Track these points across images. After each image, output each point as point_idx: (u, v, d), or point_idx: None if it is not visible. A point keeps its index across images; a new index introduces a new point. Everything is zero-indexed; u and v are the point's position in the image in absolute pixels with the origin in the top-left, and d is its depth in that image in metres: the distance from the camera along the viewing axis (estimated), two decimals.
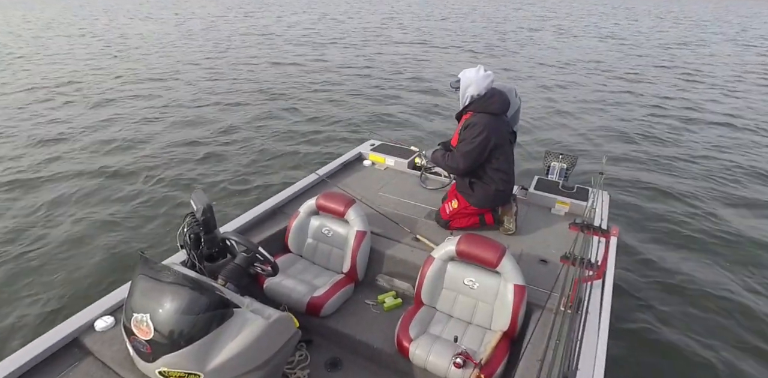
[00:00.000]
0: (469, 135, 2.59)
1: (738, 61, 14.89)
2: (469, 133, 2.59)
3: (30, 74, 11.20)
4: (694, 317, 3.44)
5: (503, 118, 2.70)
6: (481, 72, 2.60)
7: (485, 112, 2.60)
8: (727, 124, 8.29)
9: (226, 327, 1.56)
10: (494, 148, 2.63)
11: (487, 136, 2.56)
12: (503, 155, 2.70)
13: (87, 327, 1.92)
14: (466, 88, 2.62)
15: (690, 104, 9.52)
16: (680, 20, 30.99)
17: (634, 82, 11.46)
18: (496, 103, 2.60)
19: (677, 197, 5.34)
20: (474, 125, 2.58)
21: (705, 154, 6.75)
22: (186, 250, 2.00)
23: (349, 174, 3.65)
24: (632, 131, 7.66)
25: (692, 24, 28.62)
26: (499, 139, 2.64)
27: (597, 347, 1.87)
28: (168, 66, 12.29)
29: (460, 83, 2.63)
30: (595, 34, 21.34)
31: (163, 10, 30.59)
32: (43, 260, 3.89)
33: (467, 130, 2.61)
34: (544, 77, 11.62)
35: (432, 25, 23.74)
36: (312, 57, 13.83)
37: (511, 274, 2.11)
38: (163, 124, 7.53)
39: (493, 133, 2.58)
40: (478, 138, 2.56)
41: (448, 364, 1.93)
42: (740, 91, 10.85)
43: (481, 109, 2.61)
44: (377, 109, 8.66)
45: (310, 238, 2.72)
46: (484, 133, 2.55)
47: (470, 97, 2.63)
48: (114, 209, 4.74)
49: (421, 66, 12.86)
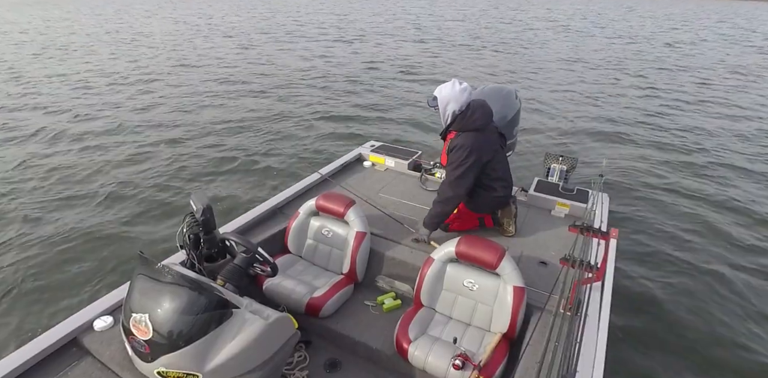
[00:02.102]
0: (457, 158, 2.49)
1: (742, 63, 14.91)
2: (457, 157, 2.49)
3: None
4: (694, 319, 3.43)
5: (489, 130, 2.60)
6: (456, 86, 2.47)
7: (469, 130, 2.50)
8: (728, 123, 8.30)
9: (224, 327, 1.56)
10: (486, 163, 2.57)
11: (477, 158, 2.48)
12: (498, 164, 2.66)
13: (86, 327, 1.91)
14: (445, 106, 2.50)
15: (691, 106, 9.53)
16: (682, 21, 31.05)
17: (638, 83, 11.47)
18: (479, 119, 2.49)
19: (677, 199, 5.34)
20: (460, 147, 2.48)
21: (706, 155, 6.76)
22: (185, 251, 2.00)
23: (350, 175, 3.65)
24: (633, 133, 7.66)
25: (691, 25, 28.67)
26: (489, 154, 2.57)
27: (596, 349, 1.87)
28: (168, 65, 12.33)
29: (438, 101, 2.50)
30: (605, 35, 21.35)
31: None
32: (42, 260, 3.90)
33: (454, 152, 2.51)
34: (545, 77, 11.65)
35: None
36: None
37: (511, 275, 2.11)
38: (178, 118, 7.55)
39: (483, 151, 2.51)
40: (467, 161, 2.47)
41: (447, 366, 1.93)
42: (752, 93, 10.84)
43: (465, 128, 2.50)
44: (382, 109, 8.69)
45: (309, 239, 2.72)
46: (473, 154, 2.46)
47: (452, 115, 2.52)
48: (114, 208, 4.75)
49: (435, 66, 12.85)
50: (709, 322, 3.41)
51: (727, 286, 3.81)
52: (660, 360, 3.05)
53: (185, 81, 10.71)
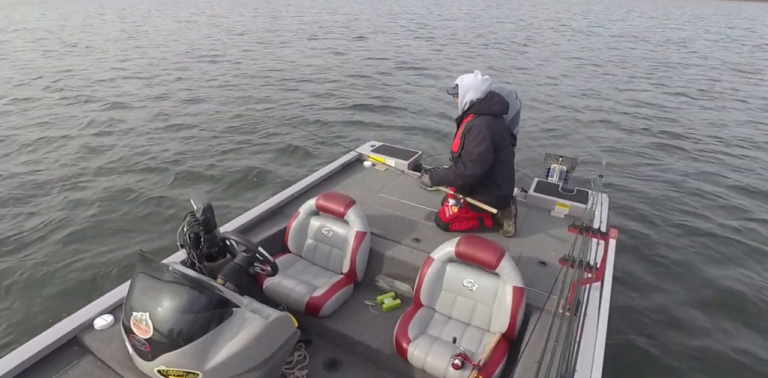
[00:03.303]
0: (476, 136, 2.56)
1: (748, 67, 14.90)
2: (475, 135, 2.56)
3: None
4: (694, 319, 3.44)
5: (503, 120, 2.70)
6: (478, 76, 2.61)
7: (486, 114, 2.60)
8: (730, 125, 8.29)
9: (225, 326, 1.56)
10: (497, 150, 2.61)
11: (492, 139, 2.55)
12: (504, 158, 2.70)
13: (86, 325, 1.92)
14: (465, 94, 2.62)
15: (693, 107, 9.53)
16: (681, 23, 31.03)
17: (640, 83, 11.47)
18: (496, 104, 2.61)
19: (677, 199, 5.34)
20: (477, 128, 2.56)
21: (706, 156, 6.76)
22: (186, 250, 2.00)
23: (350, 175, 3.65)
24: (633, 133, 7.66)
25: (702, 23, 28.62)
26: (501, 141, 2.63)
27: (595, 349, 1.87)
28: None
29: (459, 89, 2.64)
30: (608, 34, 21.30)
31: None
32: (42, 258, 3.90)
33: (470, 132, 2.58)
34: (545, 77, 11.65)
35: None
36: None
37: (510, 275, 2.11)
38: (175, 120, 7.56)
39: (496, 136, 2.58)
40: (485, 139, 2.53)
41: (446, 365, 1.93)
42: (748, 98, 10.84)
43: (482, 111, 2.61)
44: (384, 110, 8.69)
45: (309, 239, 2.73)
46: (488, 135, 2.54)
47: (470, 102, 2.63)
48: (116, 208, 4.76)
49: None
50: (709, 323, 3.41)
51: (729, 286, 3.81)
52: (659, 360, 3.05)
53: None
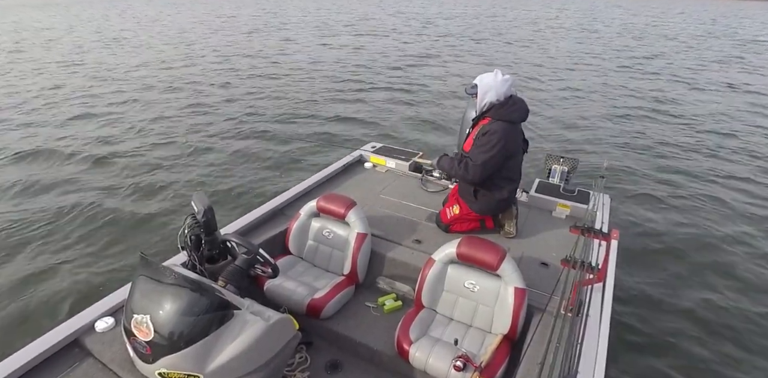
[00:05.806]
0: (487, 142, 2.48)
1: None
2: (487, 141, 2.47)
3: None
4: (695, 320, 3.42)
5: (520, 127, 2.64)
6: (499, 76, 2.49)
7: (504, 120, 2.51)
8: (730, 125, 8.29)
9: (226, 328, 1.56)
10: (508, 158, 2.57)
11: (505, 146, 2.49)
12: (514, 164, 2.67)
13: (87, 328, 1.92)
14: (484, 94, 2.51)
15: (693, 108, 9.52)
16: (682, 23, 31.05)
17: (641, 83, 11.46)
18: (516, 111, 2.51)
19: (679, 200, 5.33)
20: (493, 133, 2.47)
21: (707, 157, 6.75)
22: (186, 252, 2.00)
23: (350, 176, 3.65)
24: (634, 133, 7.66)
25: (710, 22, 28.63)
26: (514, 149, 2.59)
27: (597, 350, 1.87)
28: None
29: (478, 89, 2.52)
30: (612, 33, 21.27)
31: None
32: (42, 258, 3.90)
33: (485, 136, 2.50)
34: (545, 77, 11.65)
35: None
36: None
37: (512, 277, 2.11)
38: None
39: (510, 143, 2.52)
40: (496, 147, 2.46)
41: (448, 367, 1.93)
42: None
43: (500, 117, 2.50)
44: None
45: (310, 240, 2.72)
46: (502, 142, 2.47)
47: (489, 104, 2.54)
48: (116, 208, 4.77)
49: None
50: (711, 323, 3.40)
51: (730, 287, 3.80)
52: (661, 361, 3.04)
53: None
